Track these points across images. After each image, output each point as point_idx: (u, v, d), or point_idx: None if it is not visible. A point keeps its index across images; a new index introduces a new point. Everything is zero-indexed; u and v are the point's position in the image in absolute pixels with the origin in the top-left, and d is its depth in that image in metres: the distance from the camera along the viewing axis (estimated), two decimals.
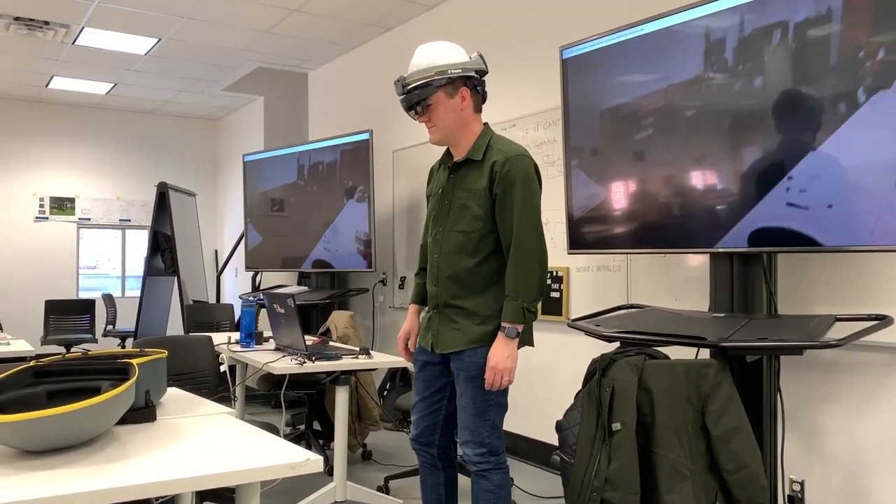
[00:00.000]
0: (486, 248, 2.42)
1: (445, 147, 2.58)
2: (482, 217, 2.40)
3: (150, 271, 6.59)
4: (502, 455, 2.46)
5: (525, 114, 4.38)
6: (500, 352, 2.33)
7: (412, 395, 2.74)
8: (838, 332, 2.47)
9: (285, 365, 3.12)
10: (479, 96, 2.49)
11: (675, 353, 2.73)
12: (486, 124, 2.52)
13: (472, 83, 2.44)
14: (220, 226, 9.33)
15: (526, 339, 2.46)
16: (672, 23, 2.96)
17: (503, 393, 2.45)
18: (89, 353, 1.96)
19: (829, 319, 2.60)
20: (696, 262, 3.39)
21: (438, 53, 2.42)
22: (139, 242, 8.97)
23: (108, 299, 7.98)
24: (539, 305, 2.52)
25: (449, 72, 2.38)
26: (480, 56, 2.47)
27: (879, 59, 2.16)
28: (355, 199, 5.53)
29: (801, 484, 2.94)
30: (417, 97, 2.40)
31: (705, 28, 2.74)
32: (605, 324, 2.96)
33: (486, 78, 2.53)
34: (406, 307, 3.70)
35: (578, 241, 3.46)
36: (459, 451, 2.58)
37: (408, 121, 5.52)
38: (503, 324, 2.34)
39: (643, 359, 2.55)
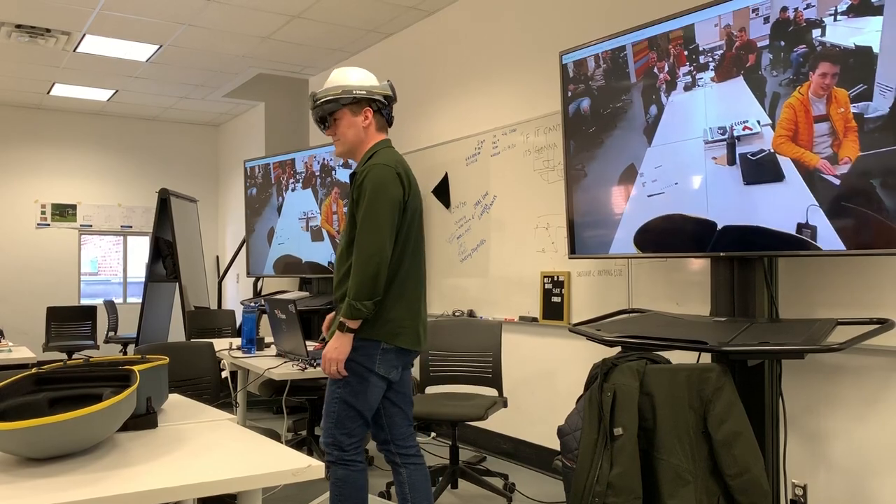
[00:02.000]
0: (353, 253, 2.57)
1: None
2: (349, 222, 2.59)
3: (151, 277, 6.59)
4: (349, 452, 2.54)
5: (525, 119, 4.39)
6: (332, 343, 2.51)
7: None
8: (840, 335, 2.47)
9: (287, 371, 3.12)
10: (384, 119, 2.70)
11: (677, 357, 2.73)
12: (385, 140, 2.69)
13: (377, 106, 2.66)
14: (222, 232, 9.35)
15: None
16: (665, 29, 2.98)
17: (353, 393, 2.53)
18: (91, 359, 1.96)
19: (830, 323, 2.60)
20: (697, 266, 3.39)
21: (348, 75, 2.66)
22: (141, 249, 8.99)
23: (110, 306, 7.99)
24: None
25: (354, 92, 2.62)
26: (390, 84, 2.71)
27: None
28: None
29: (804, 488, 2.93)
30: (324, 111, 2.65)
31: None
32: (606, 328, 2.96)
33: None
34: None
35: (579, 245, 3.47)
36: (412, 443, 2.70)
37: (407, 125, 5.53)
38: (340, 318, 2.51)
39: (644, 363, 2.55)
